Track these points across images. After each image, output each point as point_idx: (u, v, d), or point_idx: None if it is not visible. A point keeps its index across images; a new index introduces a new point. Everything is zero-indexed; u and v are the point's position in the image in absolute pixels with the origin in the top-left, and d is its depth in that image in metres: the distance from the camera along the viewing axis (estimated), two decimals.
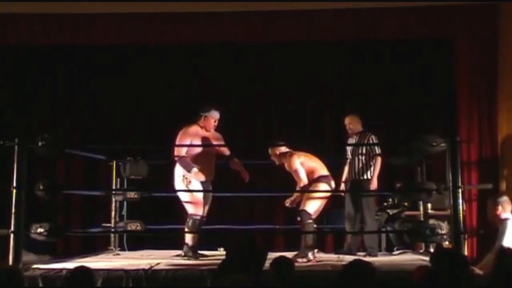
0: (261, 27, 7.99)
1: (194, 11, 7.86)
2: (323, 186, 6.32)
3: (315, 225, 6.50)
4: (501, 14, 7.74)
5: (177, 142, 6.45)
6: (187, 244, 6.41)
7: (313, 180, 6.33)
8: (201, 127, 6.52)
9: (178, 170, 6.44)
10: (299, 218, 6.27)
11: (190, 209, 6.43)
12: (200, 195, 6.42)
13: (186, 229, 6.42)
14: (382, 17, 7.88)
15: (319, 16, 7.89)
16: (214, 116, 6.54)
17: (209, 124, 6.53)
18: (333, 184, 6.42)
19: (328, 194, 6.39)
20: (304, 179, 6.28)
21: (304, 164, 6.34)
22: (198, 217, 6.40)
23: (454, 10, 7.79)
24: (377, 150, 6.72)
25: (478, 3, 7.79)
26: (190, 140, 6.44)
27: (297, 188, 6.38)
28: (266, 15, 7.94)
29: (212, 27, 7.98)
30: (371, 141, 6.77)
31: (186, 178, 6.38)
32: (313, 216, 6.29)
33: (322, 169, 6.37)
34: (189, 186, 6.38)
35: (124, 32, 8.04)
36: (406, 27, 7.90)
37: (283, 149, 6.47)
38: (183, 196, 6.45)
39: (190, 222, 6.40)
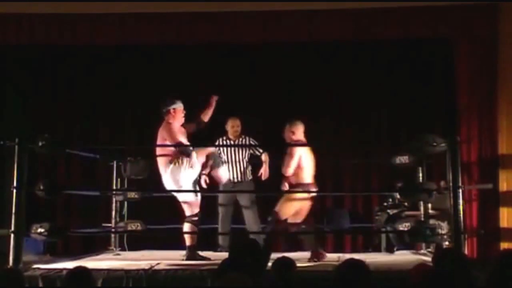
0: (261, 27, 7.97)
1: (194, 11, 7.85)
2: (300, 194, 6.31)
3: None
4: (501, 14, 7.74)
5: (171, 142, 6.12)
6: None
7: (295, 184, 6.29)
8: (171, 123, 6.19)
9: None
10: (269, 218, 6.23)
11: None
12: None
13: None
14: (382, 17, 7.87)
15: (319, 16, 7.88)
16: (181, 107, 6.34)
17: (180, 117, 6.31)
18: (312, 189, 6.35)
19: (304, 202, 6.33)
20: (291, 169, 6.22)
21: (300, 161, 6.24)
22: None
23: (454, 10, 7.77)
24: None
25: (478, 3, 7.78)
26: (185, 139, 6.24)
27: (282, 171, 6.30)
28: (266, 15, 7.93)
29: (213, 27, 7.97)
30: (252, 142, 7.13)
31: None
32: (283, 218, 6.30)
33: (308, 176, 6.30)
34: None
35: (124, 32, 8.01)
36: (406, 27, 7.87)
37: (298, 134, 6.41)
38: None
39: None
